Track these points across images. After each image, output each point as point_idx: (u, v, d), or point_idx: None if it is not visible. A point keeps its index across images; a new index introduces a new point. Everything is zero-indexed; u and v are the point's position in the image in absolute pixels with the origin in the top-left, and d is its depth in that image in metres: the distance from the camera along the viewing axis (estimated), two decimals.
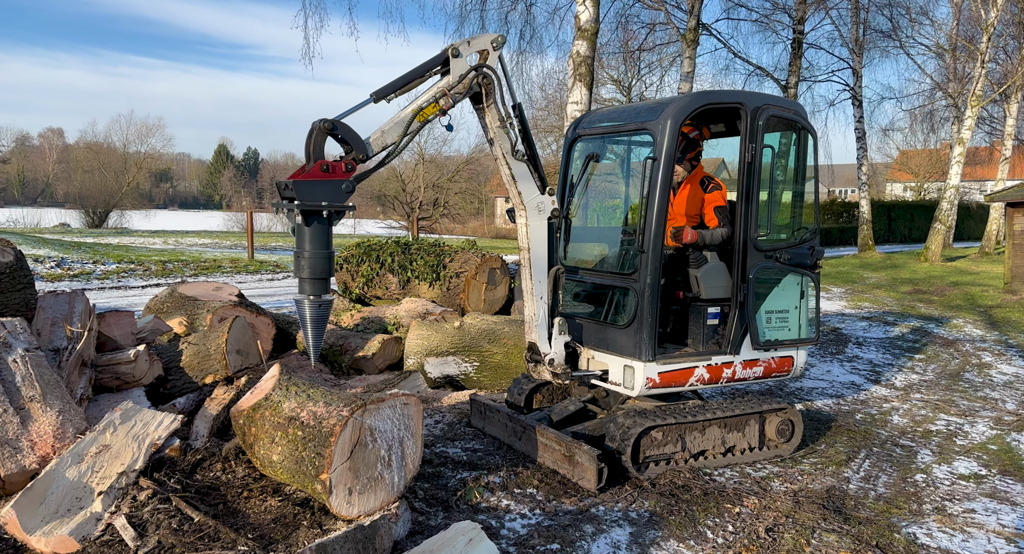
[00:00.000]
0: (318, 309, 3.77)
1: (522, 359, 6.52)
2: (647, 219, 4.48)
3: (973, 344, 9.96)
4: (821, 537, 3.76)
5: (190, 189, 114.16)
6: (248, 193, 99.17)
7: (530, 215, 4.51)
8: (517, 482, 4.43)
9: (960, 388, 7.38)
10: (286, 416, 4.01)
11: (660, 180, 4.44)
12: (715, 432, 4.84)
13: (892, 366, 8.36)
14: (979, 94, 23.93)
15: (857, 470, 4.86)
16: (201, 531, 3.73)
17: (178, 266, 16.52)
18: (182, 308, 7.19)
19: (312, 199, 3.59)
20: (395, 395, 3.94)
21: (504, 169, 4.41)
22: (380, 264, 8.34)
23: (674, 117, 4.47)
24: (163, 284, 14.17)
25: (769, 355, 5.19)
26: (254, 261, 18.15)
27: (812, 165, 5.31)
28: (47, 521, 3.74)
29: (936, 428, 5.94)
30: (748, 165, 4.80)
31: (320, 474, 3.62)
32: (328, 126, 3.64)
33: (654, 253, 4.48)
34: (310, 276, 3.72)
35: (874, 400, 6.77)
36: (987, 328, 11.55)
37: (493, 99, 4.23)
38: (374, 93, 3.90)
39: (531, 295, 4.62)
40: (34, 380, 4.45)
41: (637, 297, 4.56)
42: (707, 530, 3.85)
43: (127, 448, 4.24)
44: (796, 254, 5.16)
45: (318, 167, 3.61)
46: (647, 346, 4.52)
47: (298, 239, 3.72)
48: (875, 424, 5.97)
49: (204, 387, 5.50)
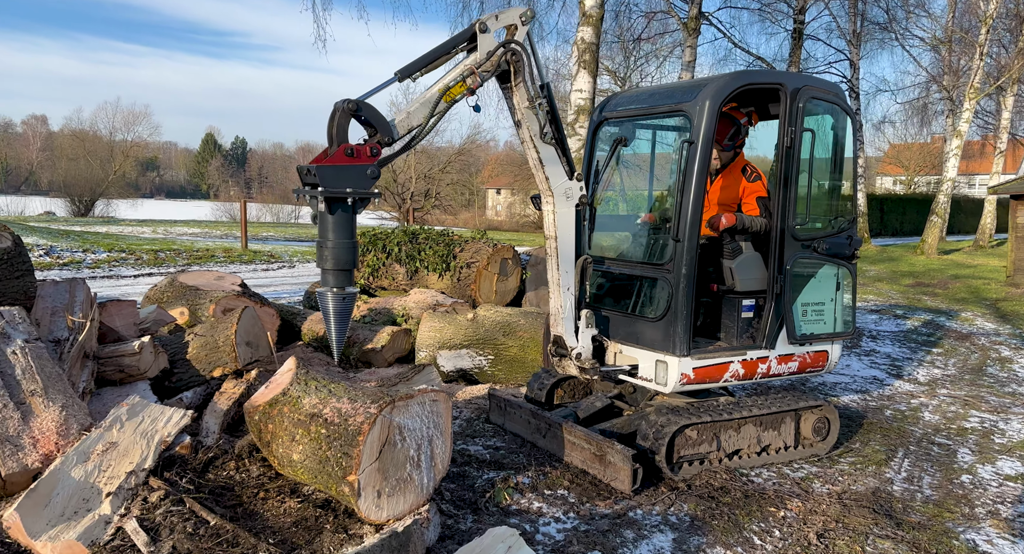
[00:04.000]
0: (342, 302, 3.54)
1: (539, 353, 6.31)
2: (683, 206, 4.26)
3: (988, 338, 9.86)
4: (876, 543, 3.58)
5: (177, 178, 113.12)
6: (236, 183, 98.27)
7: (558, 202, 4.28)
8: (547, 483, 4.23)
9: (986, 384, 7.24)
10: (307, 413, 3.79)
11: (697, 165, 4.23)
12: (750, 430, 4.66)
13: (911, 360, 8.22)
14: (977, 86, 23.88)
15: (898, 470, 4.69)
16: (218, 536, 3.50)
17: (170, 255, 16.19)
18: (183, 298, 6.93)
19: (337, 185, 3.36)
20: (424, 391, 3.72)
21: (531, 153, 4.17)
22: (387, 254, 8.09)
23: (713, 98, 4.25)
24: (156, 273, 13.87)
25: (804, 350, 5.00)
26: (248, 251, 17.84)
27: (851, 150, 5.11)
28: (53, 524, 3.51)
29: (970, 425, 5.79)
30: (787, 150, 4.58)
31: (347, 476, 3.40)
32: (352, 107, 3.41)
33: (690, 242, 4.26)
34: (334, 267, 3.49)
35: (900, 396, 6.62)
36: (998, 321, 11.46)
37: (522, 77, 3.99)
38: (399, 71, 3.66)
39: (558, 286, 4.40)
40: (35, 373, 4.20)
41: (671, 289, 4.35)
42: (753, 536, 3.67)
43: (135, 446, 4.01)
44: (834, 244, 4.97)
45: (342, 151, 3.37)
46: (682, 340, 4.31)
47: (320, 228, 3.48)
48: (907, 421, 5.81)
49: (212, 380, 5.25)
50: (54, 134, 76.82)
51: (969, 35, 27.21)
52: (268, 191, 76.31)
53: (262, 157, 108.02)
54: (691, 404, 4.69)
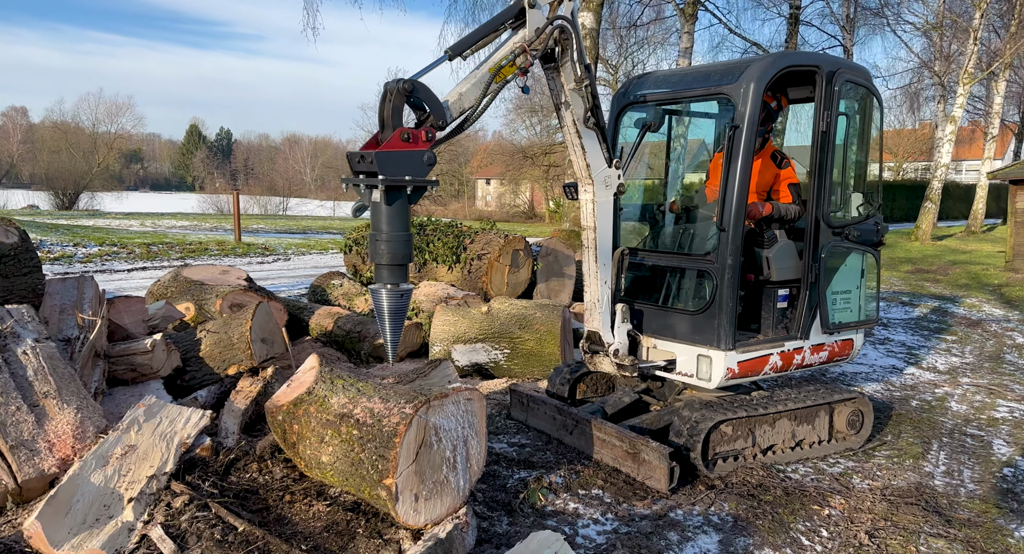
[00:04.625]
0: (399, 299, 3.35)
1: (556, 346, 6.20)
2: (727, 194, 4.14)
3: (999, 324, 9.85)
4: (929, 543, 3.50)
5: (162, 171, 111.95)
6: (222, 174, 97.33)
7: (597, 190, 4.15)
8: (580, 482, 4.12)
9: (1007, 371, 7.20)
10: (336, 413, 3.65)
11: (743, 150, 4.10)
12: (785, 425, 4.56)
13: (927, 348, 8.18)
14: (971, 71, 23.90)
15: (936, 464, 4.62)
16: (248, 543, 3.37)
17: (163, 249, 15.94)
18: (188, 293, 6.76)
19: (395, 173, 3.16)
20: (458, 389, 3.59)
21: (572, 138, 4.03)
22: None
23: (758, 80, 4.11)
24: (150, 267, 13.65)
25: (834, 339, 4.92)
26: (242, 244, 17.60)
27: (877, 134, 5.01)
28: (75, 533, 3.37)
29: (1000, 415, 5.74)
30: (823, 135, 4.47)
31: (384, 479, 3.27)
32: (408, 87, 3.21)
33: (735, 231, 4.14)
34: (390, 262, 3.29)
35: (924, 385, 6.56)
36: (1005, 307, 11.48)
37: (569, 57, 3.84)
38: (449, 49, 3.49)
39: (595, 279, 4.27)
40: (47, 374, 4.05)
41: (715, 280, 4.23)
42: (801, 536, 3.57)
43: (155, 448, 3.87)
44: (864, 230, 4.88)
45: (398, 136, 3.18)
46: (727, 334, 4.20)
47: (373, 220, 3.29)
48: (935, 412, 5.75)
49: (225, 379, 5.11)
50: (35, 126, 75.64)
51: (961, 20, 27.23)
52: (255, 183, 75.73)
53: (247, 148, 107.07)
54: (722, 399, 4.59)
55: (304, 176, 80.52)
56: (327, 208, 60.79)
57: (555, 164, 40.40)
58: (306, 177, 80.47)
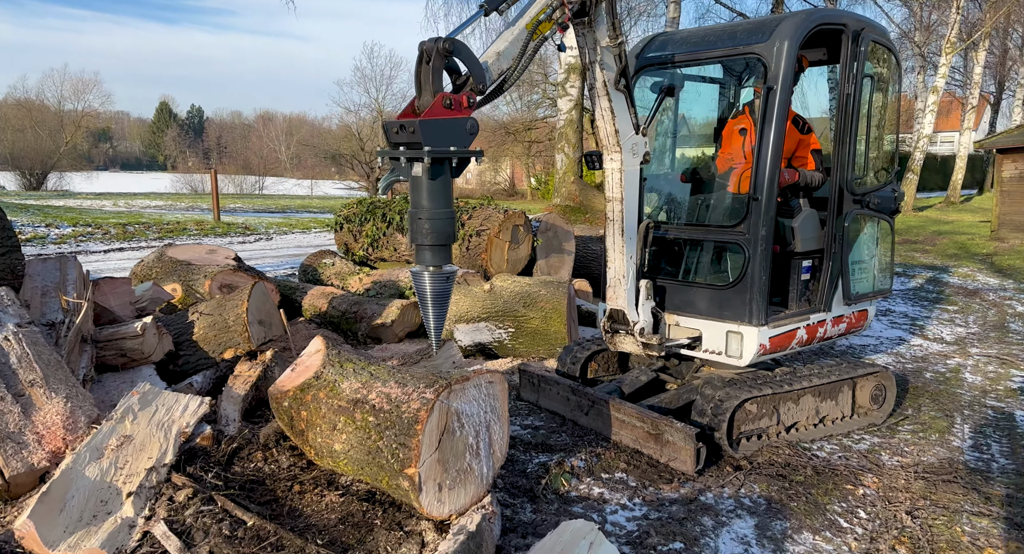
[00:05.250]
0: (444, 282, 3.11)
1: (563, 324, 6.01)
2: (760, 161, 3.94)
3: (996, 293, 9.85)
4: (972, 522, 3.39)
5: (132, 150, 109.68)
6: (194, 153, 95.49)
7: (625, 158, 3.92)
8: (602, 465, 3.96)
9: (1014, 341, 7.17)
10: (348, 398, 3.45)
11: (776, 114, 3.90)
12: (809, 401, 4.43)
13: (930, 319, 8.13)
14: (953, 41, 23.90)
15: (963, 438, 4.52)
16: (260, 538, 3.17)
17: (140, 229, 15.52)
18: (174, 273, 6.48)
19: (440, 143, 2.89)
20: (479, 372, 3.40)
21: (602, 101, 3.79)
22: (387, 223, 7.67)
23: (792, 38, 3.90)
24: (127, 248, 13.27)
25: (851, 310, 4.80)
26: (221, 223, 17.19)
27: (896, 97, 4.85)
28: (71, 531, 3.15)
29: (1016, 386, 5.68)
30: (848, 98, 4.28)
31: (406, 468, 3.07)
32: (448, 47, 2.90)
33: (768, 200, 3.95)
34: (433, 242, 3.03)
35: (934, 357, 6.49)
36: (999, 276, 11.51)
37: (605, 10, 3.59)
38: (484, 3, 3.22)
39: (621, 254, 4.07)
40: (32, 361, 3.80)
41: (747, 252, 4.05)
42: (839, 518, 3.44)
43: (152, 438, 3.65)
44: (883, 198, 4.73)
45: (440, 102, 2.90)
46: (759, 308, 4.03)
47: (414, 196, 3.00)
48: (951, 384, 5.67)
49: (221, 363, 4.87)
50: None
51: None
52: (229, 161, 74.28)
53: (220, 126, 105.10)
54: (744, 376, 4.44)
55: (279, 154, 79.16)
56: (304, 187, 59.90)
57: (537, 140, 39.96)
58: (281, 155, 79.09)
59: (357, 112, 59.85)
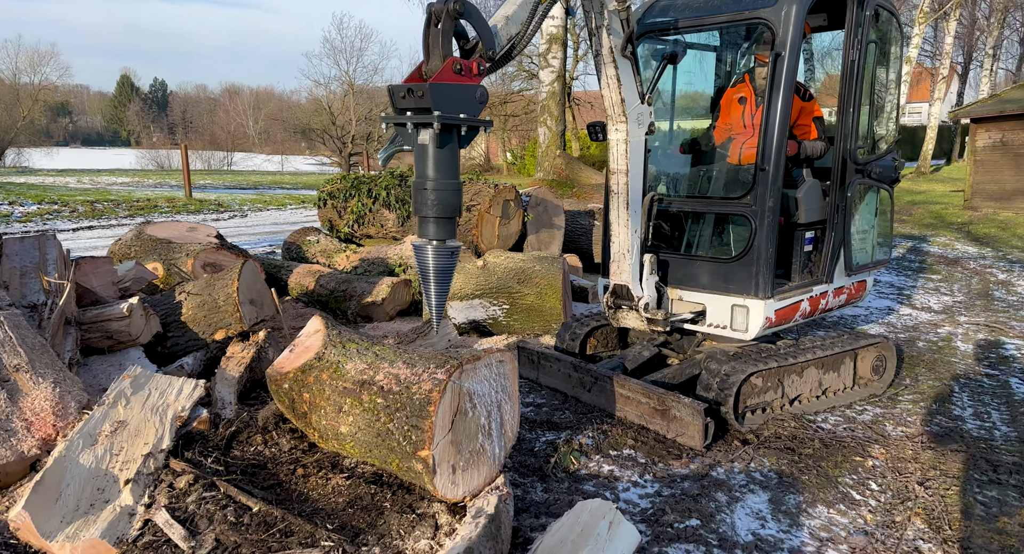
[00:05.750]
0: (447, 258, 3.00)
1: (558, 300, 5.95)
2: (768, 130, 3.88)
3: (976, 262, 10.01)
4: (983, 491, 3.41)
5: (93, 125, 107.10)
6: (158, 128, 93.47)
7: (631, 128, 3.83)
8: (610, 443, 3.93)
9: (1000, 308, 7.29)
10: (354, 380, 3.36)
11: (784, 82, 3.84)
12: (812, 374, 4.43)
13: (916, 288, 8.23)
14: (926, 11, 24.04)
15: (963, 407, 4.57)
16: (267, 524, 3.09)
17: (108, 207, 15.14)
18: (154, 252, 6.30)
19: (450, 110, 2.77)
20: (489, 351, 3.33)
21: (608, 69, 3.69)
22: (373, 199, 7.52)
23: (800, 2, 3.82)
24: (97, 226, 12.94)
25: (851, 281, 4.80)
26: (193, 200, 16.83)
27: (898, 63, 4.81)
28: (68, 521, 3.04)
29: (1008, 353, 5.77)
30: (852, 65, 4.23)
31: (419, 451, 3.01)
32: (458, 8, 2.76)
33: (776, 171, 3.90)
34: (438, 214, 2.91)
35: (924, 326, 6.56)
36: (977, 245, 11.71)
37: None
38: None
39: (625, 228, 4.00)
40: (16, 345, 3.65)
41: (753, 225, 4.00)
42: (851, 490, 3.45)
43: (147, 423, 3.54)
44: (884, 167, 4.72)
45: (450, 67, 2.77)
46: (765, 281, 4.00)
47: (419, 166, 2.88)
48: (944, 353, 5.75)
49: (211, 344, 4.75)
50: None
51: None
52: (195, 137, 72.79)
53: (185, 100, 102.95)
54: (748, 350, 4.42)
55: (247, 129, 77.72)
56: (274, 163, 58.96)
57: (513, 114, 39.60)
58: (249, 130, 77.66)
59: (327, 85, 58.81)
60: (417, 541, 3.01)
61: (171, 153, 55.49)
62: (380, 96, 59.29)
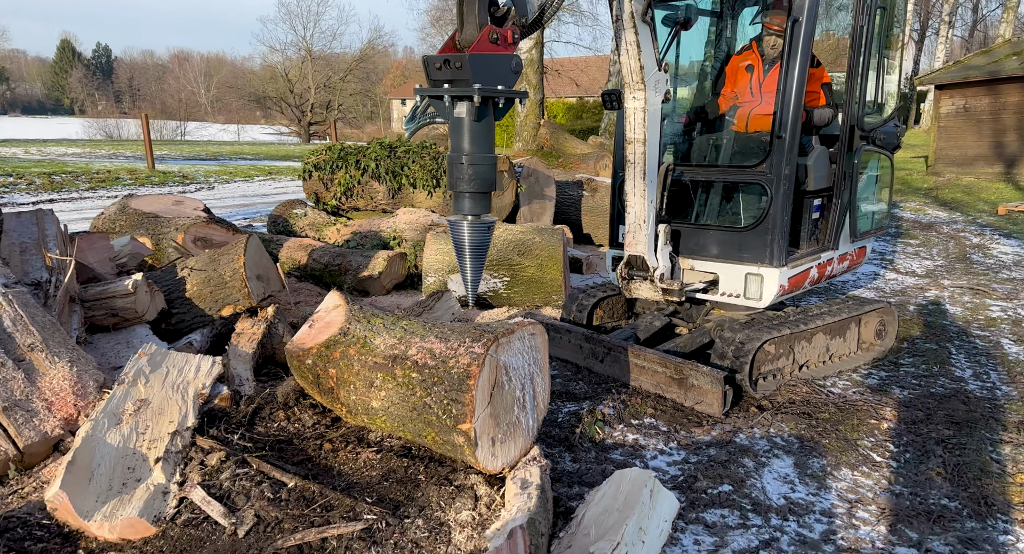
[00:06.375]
0: (484, 233, 3.01)
1: (559, 272, 6.01)
2: (785, 98, 3.93)
3: (949, 226, 10.37)
4: (996, 450, 3.58)
5: (33, 92, 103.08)
6: (104, 96, 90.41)
7: (649, 96, 3.85)
8: (630, 412, 4.02)
9: (979, 271, 7.60)
10: (385, 355, 3.38)
11: (802, 47, 3.88)
12: (821, 339, 4.57)
13: (897, 253, 8.51)
14: None
15: (962, 368, 4.77)
16: (307, 500, 3.12)
17: (67, 179, 14.69)
18: (140, 226, 6.19)
19: (488, 81, 2.74)
20: (521, 324, 3.37)
21: (628, 35, 3.68)
22: (361, 171, 7.44)
23: None
24: (57, 199, 12.58)
25: (854, 246, 4.94)
26: (156, 172, 16.41)
27: (902, 28, 4.91)
28: (103, 500, 3.03)
29: (995, 315, 6.04)
30: (860, 30, 4.29)
31: (460, 424, 3.05)
32: None
33: (792, 138, 3.96)
34: (475, 189, 2.91)
35: (911, 290, 6.81)
36: (946, 210, 12.10)
37: None
38: None
39: (641, 198, 4.04)
40: (28, 323, 3.59)
41: (769, 192, 4.07)
42: (871, 452, 3.60)
43: (169, 401, 3.52)
44: (887, 133, 4.84)
45: (487, 36, 2.75)
46: (780, 249, 4.09)
47: (455, 139, 2.86)
48: (935, 315, 6.00)
49: (217, 321, 4.70)
50: None
51: None
52: (145, 105, 70.53)
53: (131, 67, 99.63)
54: (758, 318, 4.54)
55: (199, 97, 75.62)
56: (230, 132, 57.56)
57: None
58: (201, 99, 75.59)
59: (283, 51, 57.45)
60: (459, 512, 3.06)
61: (120, 122, 53.75)
62: (339, 63, 58.05)
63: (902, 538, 2.86)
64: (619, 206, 4.78)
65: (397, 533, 2.93)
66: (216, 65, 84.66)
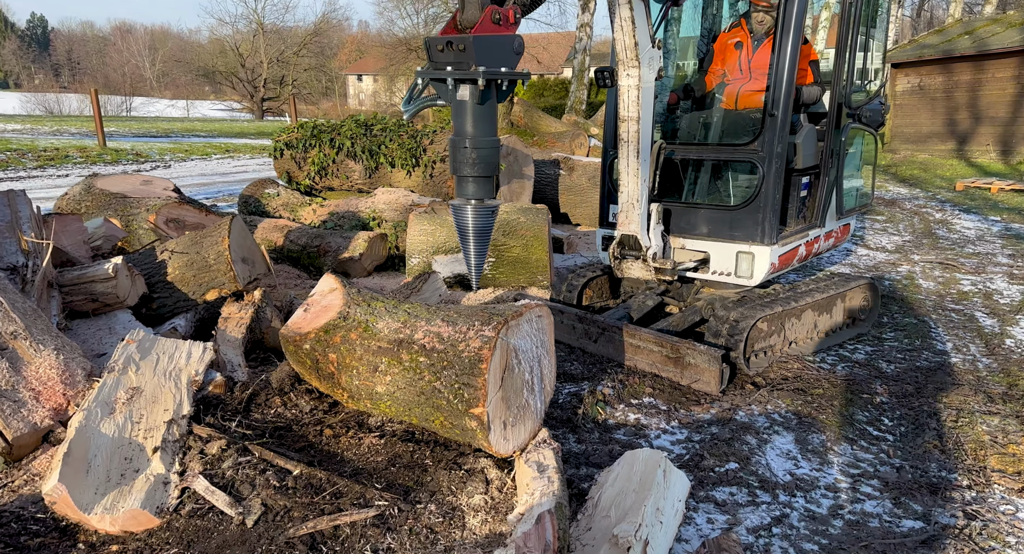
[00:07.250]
0: (488, 217, 2.98)
1: (544, 252, 5.99)
2: (777, 75, 3.96)
3: (911, 203, 10.69)
4: (987, 421, 3.71)
5: None
6: (42, 69, 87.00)
7: (644, 73, 3.83)
8: (629, 392, 4.05)
9: (946, 246, 7.87)
10: (390, 339, 3.33)
11: (794, 24, 3.91)
12: (809, 316, 4.65)
13: (866, 229, 8.75)
14: None
15: (942, 342, 4.92)
16: (314, 488, 3.08)
17: (13, 157, 14.12)
18: (108, 207, 5.99)
19: (492, 63, 2.70)
20: (529, 306, 3.35)
21: (623, 11, 3.65)
22: (336, 149, 7.29)
23: None
24: (4, 179, 12.09)
25: (839, 224, 5.03)
26: (108, 149, 15.87)
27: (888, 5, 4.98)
28: (102, 492, 2.95)
29: (967, 289, 6.28)
30: (850, 8, 4.34)
31: (472, 408, 3.03)
32: None
33: (784, 116, 3.99)
34: (479, 173, 2.87)
35: (884, 265, 7.01)
36: (906, 187, 12.44)
37: None
38: None
39: (635, 177, 4.03)
40: (8, 310, 3.46)
41: (761, 171, 4.11)
42: (867, 427, 3.69)
43: (163, 389, 3.45)
44: (872, 111, 4.92)
45: (490, 16, 2.70)
46: (771, 227, 4.13)
47: (458, 123, 2.82)
48: (910, 290, 6.20)
49: (200, 305, 4.58)
50: None
51: None
52: (86, 79, 68.01)
53: (70, 39, 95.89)
54: (749, 296, 4.60)
55: (144, 72, 73.22)
56: (179, 108, 55.96)
57: None
58: (146, 73, 73.19)
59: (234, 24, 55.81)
60: (471, 496, 3.05)
61: (60, 97, 51.84)
62: (292, 37, 56.65)
63: (907, 511, 2.95)
64: (609, 185, 4.78)
65: (411, 519, 2.91)
66: (161, 38, 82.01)
